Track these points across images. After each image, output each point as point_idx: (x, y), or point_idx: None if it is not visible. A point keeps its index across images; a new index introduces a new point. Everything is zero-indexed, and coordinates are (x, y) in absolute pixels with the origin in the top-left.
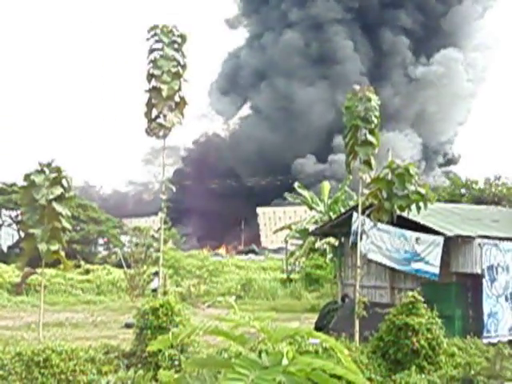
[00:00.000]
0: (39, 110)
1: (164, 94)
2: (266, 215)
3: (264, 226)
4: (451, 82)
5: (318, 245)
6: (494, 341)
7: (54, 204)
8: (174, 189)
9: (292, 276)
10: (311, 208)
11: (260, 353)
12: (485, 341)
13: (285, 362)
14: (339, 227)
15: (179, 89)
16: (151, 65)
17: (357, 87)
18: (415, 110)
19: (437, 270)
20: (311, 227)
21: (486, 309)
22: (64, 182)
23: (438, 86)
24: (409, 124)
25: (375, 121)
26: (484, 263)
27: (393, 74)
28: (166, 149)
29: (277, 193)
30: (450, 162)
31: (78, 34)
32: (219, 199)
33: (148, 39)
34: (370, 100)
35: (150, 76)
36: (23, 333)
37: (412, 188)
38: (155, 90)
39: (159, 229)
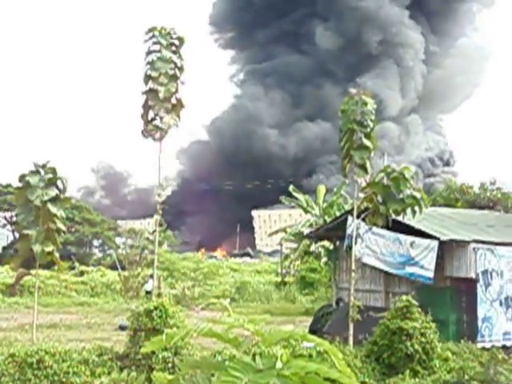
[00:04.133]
0: (35, 111)
1: (161, 95)
2: (261, 218)
3: (259, 228)
4: None
5: (312, 248)
6: (488, 345)
7: (49, 205)
8: (170, 191)
9: (287, 279)
10: (306, 211)
11: (254, 356)
12: (479, 345)
13: (279, 365)
14: (334, 231)
15: (176, 91)
16: (148, 66)
17: (353, 91)
18: None
19: (431, 275)
20: (306, 230)
21: (480, 313)
22: (59, 183)
23: None
24: None
25: (371, 125)
26: (478, 268)
27: None
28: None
29: (272, 196)
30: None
31: (75, 36)
32: (215, 202)
33: (146, 41)
34: (366, 104)
35: (147, 78)
36: (17, 334)
37: (407, 192)
38: (152, 92)
39: (154, 231)
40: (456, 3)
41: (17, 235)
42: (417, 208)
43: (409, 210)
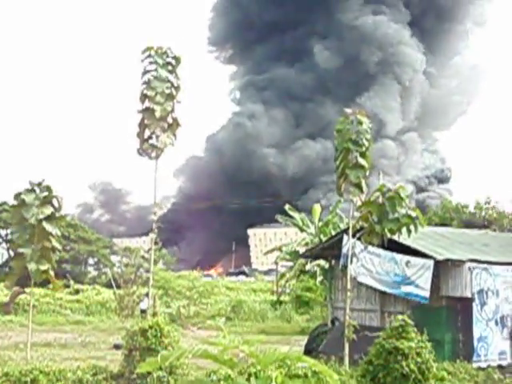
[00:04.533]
0: (31, 129)
1: (157, 114)
2: (257, 236)
3: (255, 247)
4: None
5: (308, 267)
6: (484, 365)
7: (44, 223)
8: (166, 210)
9: (282, 298)
10: (302, 230)
11: (249, 376)
12: (475, 365)
13: None
14: (330, 250)
15: (172, 110)
16: (145, 86)
17: (348, 110)
18: None
19: (427, 294)
20: (302, 249)
21: (476, 333)
22: (54, 201)
23: None
24: None
25: (366, 144)
26: (474, 287)
27: None
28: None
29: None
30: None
31: (75, 53)
32: (213, 220)
33: (142, 60)
34: (361, 123)
35: (144, 97)
36: (11, 353)
37: (402, 211)
38: (148, 111)
39: (150, 249)
40: (448, 23)
41: (12, 253)
42: (412, 227)
43: (404, 229)
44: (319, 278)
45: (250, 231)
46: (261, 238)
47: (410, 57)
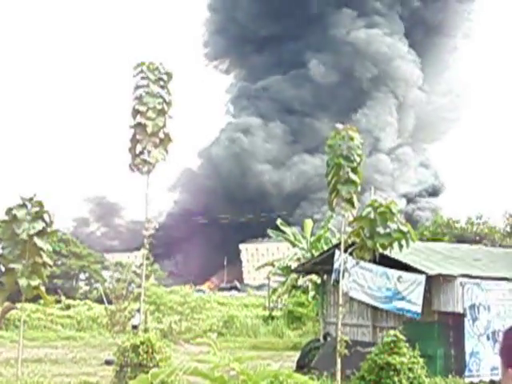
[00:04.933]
0: (22, 144)
1: (149, 130)
2: (249, 251)
3: (247, 262)
4: None
5: (300, 282)
6: (476, 380)
7: (36, 239)
8: (157, 225)
9: (274, 313)
10: (294, 245)
11: None
12: (467, 380)
13: None
14: (321, 265)
15: (164, 125)
16: (136, 101)
17: (339, 126)
18: None
19: (419, 309)
20: (294, 264)
21: (468, 348)
22: (46, 216)
23: None
24: None
25: (358, 159)
26: (466, 302)
27: None
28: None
29: (260, 229)
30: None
31: (63, 68)
32: (206, 235)
33: (134, 76)
34: (352, 139)
35: (135, 112)
36: (2, 369)
37: (394, 226)
38: (140, 126)
39: (141, 264)
40: (438, 37)
41: (3, 269)
42: (404, 242)
43: (396, 244)
44: (311, 293)
45: (242, 246)
46: (253, 253)
47: (406, 71)
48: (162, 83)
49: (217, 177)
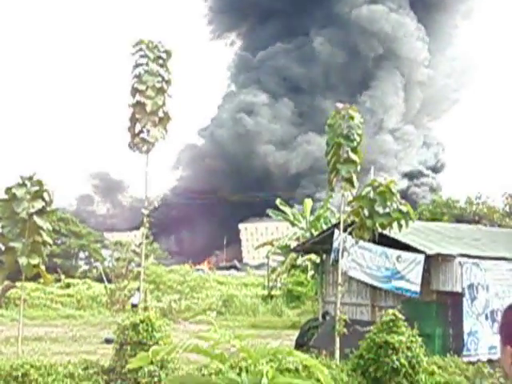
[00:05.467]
0: (21, 123)
1: (148, 109)
2: (248, 231)
3: (246, 241)
4: None
5: (299, 261)
6: (474, 359)
7: (35, 218)
8: (157, 204)
9: (273, 292)
10: (293, 224)
11: (240, 370)
12: (465, 359)
13: (264, 381)
14: (321, 244)
15: (163, 104)
16: (136, 79)
17: (339, 105)
18: None
19: (417, 288)
20: (293, 244)
21: (466, 327)
22: (45, 195)
23: None
24: None
25: (358, 139)
26: (464, 282)
27: None
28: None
29: (260, 209)
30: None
31: (63, 47)
32: (204, 214)
33: (133, 54)
34: (352, 118)
35: (135, 91)
36: (2, 347)
37: (393, 206)
38: (139, 105)
39: (141, 243)
40: (439, 14)
41: (2, 248)
42: (403, 222)
43: (395, 224)
44: (310, 273)
45: (241, 225)
46: (252, 233)
47: (412, 49)
48: (161, 61)
49: (220, 156)
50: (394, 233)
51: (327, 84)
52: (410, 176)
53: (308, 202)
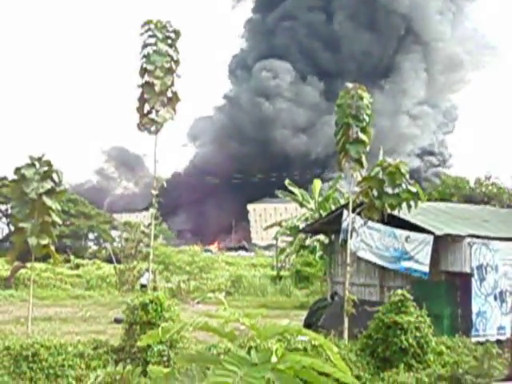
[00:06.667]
0: (30, 104)
1: (157, 89)
2: (257, 212)
3: (255, 222)
4: None
5: (308, 242)
6: (483, 340)
7: (45, 198)
8: (165, 184)
9: (282, 273)
10: (302, 205)
11: (249, 350)
12: (473, 340)
13: (274, 359)
14: (329, 225)
15: (172, 84)
16: (144, 60)
17: (349, 85)
18: None
19: (426, 269)
20: (302, 224)
21: (475, 308)
22: (54, 176)
23: None
24: None
25: (367, 119)
26: (473, 262)
27: None
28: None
29: (268, 189)
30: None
31: (71, 27)
32: (213, 195)
33: (142, 34)
34: (361, 98)
35: (143, 71)
36: (12, 327)
37: (402, 186)
38: (148, 85)
39: (150, 224)
40: None
41: (12, 228)
42: (412, 202)
43: (404, 205)
44: (319, 253)
45: (250, 206)
46: (261, 214)
47: (437, 25)
48: (169, 41)
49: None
50: (403, 213)
51: (346, 66)
52: (423, 156)
53: (317, 183)
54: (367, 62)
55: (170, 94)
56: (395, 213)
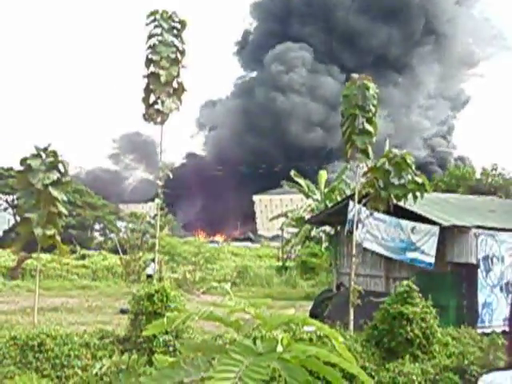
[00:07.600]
0: (36, 95)
1: (162, 79)
2: (263, 203)
3: (260, 213)
4: None
5: (313, 233)
6: (488, 331)
7: (51, 189)
8: (171, 175)
9: (287, 264)
10: (308, 196)
11: (255, 339)
12: (479, 331)
13: (279, 348)
14: (335, 216)
15: (178, 75)
16: (150, 50)
17: (355, 76)
18: None
19: (432, 260)
20: (307, 215)
21: (481, 299)
22: (60, 166)
23: None
24: None
25: (373, 109)
26: (479, 253)
27: None
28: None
29: (274, 180)
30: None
31: (77, 17)
32: (219, 186)
33: (147, 24)
34: (368, 88)
35: (149, 61)
36: (18, 317)
37: (408, 177)
38: (153, 76)
39: (155, 215)
40: None
41: (18, 219)
42: (418, 193)
43: (410, 195)
44: (324, 244)
45: (256, 197)
46: (266, 204)
47: (451, 14)
48: (175, 32)
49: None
50: (409, 204)
51: (363, 61)
52: (432, 148)
53: (323, 174)
54: (382, 56)
55: (175, 85)
56: (401, 203)
